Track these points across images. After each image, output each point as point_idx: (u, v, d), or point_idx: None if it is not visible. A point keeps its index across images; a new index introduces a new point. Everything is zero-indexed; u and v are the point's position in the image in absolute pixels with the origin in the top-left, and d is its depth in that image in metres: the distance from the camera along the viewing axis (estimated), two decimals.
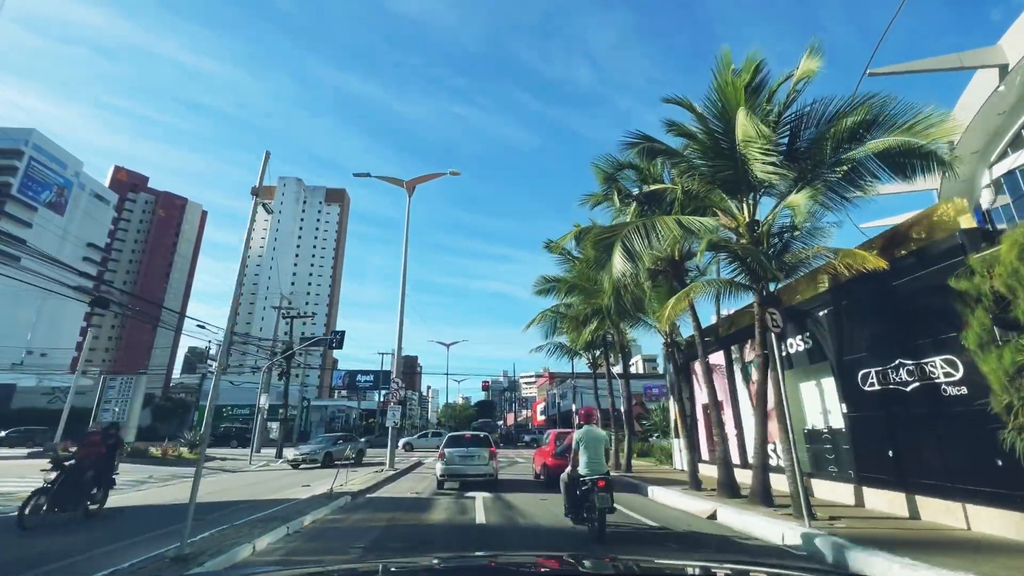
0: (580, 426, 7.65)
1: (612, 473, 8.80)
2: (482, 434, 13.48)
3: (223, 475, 17.95)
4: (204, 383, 53.61)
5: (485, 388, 69.25)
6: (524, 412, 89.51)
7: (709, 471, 14.98)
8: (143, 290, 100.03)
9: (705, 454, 15.62)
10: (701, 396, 15.85)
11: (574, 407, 38.26)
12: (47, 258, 16.49)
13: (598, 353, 21.41)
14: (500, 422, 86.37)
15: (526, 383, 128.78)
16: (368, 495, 11.25)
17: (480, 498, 10.79)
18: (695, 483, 11.64)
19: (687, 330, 15.73)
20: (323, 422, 61.41)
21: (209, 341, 45.34)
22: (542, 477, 13.47)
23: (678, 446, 17.23)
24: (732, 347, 13.82)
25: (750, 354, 12.79)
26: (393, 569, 1.96)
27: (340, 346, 26.53)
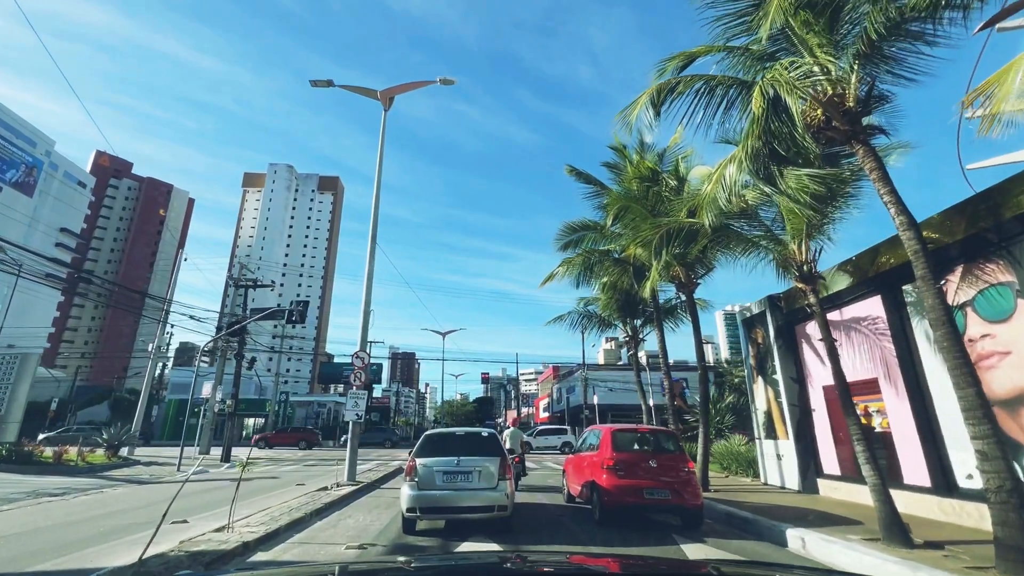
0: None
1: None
2: (485, 432, 7.82)
3: (111, 490, 12.41)
4: (166, 374, 48.08)
5: (485, 380, 63.66)
6: (525, 409, 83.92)
7: (836, 492, 9.45)
8: (126, 279, 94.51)
9: (831, 465, 10.07)
10: (824, 374, 10.27)
11: (596, 399, 32.72)
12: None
13: (640, 322, 15.88)
14: (501, 419, 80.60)
15: (526, 380, 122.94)
16: (256, 555, 5.66)
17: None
18: (894, 530, 6.05)
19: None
20: (308, 419, 55.87)
21: (172, 325, 39.81)
22: (594, 510, 7.81)
23: (773, 451, 11.68)
24: (904, 288, 8.25)
25: (965, 291, 7.19)
26: (403, 566, 1.99)
27: (302, 320, 21.00)
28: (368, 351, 13.89)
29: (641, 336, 16.01)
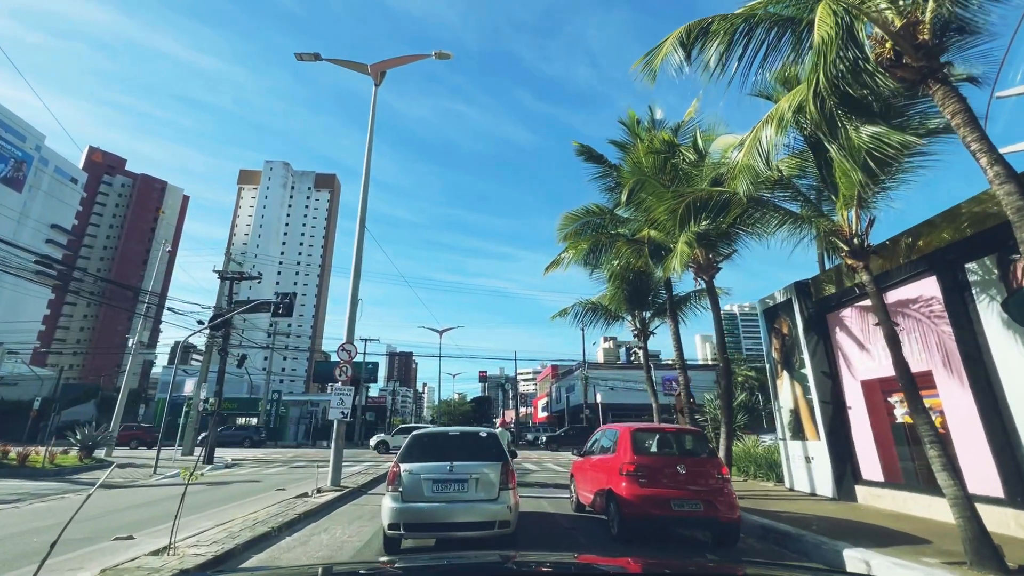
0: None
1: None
2: (484, 432, 6.65)
3: (74, 496, 11.23)
4: (157, 371, 46.85)
5: (483, 379, 62.49)
6: (524, 409, 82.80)
7: (879, 500, 8.36)
8: (119, 277, 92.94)
9: (872, 470, 8.97)
10: (864, 366, 9.19)
11: (599, 397, 31.68)
12: None
13: (648, 315, 14.80)
14: (497, 419, 79.36)
15: (524, 379, 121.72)
16: None
17: None
18: (984, 552, 4.94)
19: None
20: (301, 418, 54.69)
21: (162, 322, 38.56)
22: (611, 523, 6.64)
23: (801, 453, 10.58)
24: (967, 266, 7.15)
25: None
26: (388, 567, 2.00)
27: (289, 312, 19.84)
28: (363, 349, 12.74)
29: (651, 330, 14.93)
